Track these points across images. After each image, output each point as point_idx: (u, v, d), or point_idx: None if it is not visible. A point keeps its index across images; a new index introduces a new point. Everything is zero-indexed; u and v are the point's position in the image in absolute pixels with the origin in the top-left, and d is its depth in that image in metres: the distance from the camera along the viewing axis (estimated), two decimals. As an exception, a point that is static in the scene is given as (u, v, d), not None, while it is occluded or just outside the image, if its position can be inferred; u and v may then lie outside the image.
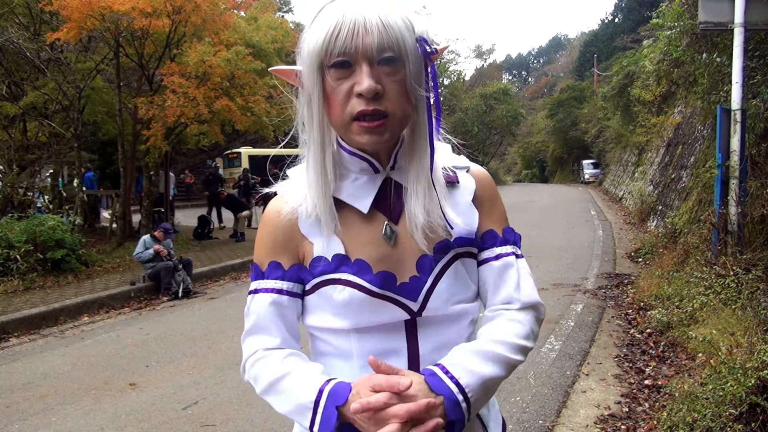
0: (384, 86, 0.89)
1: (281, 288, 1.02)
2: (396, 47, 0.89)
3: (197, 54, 9.36)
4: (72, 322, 6.42)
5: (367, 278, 0.96)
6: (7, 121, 10.56)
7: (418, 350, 0.99)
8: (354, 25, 0.87)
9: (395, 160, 1.01)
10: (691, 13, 6.76)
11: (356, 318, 0.98)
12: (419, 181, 0.98)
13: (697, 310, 4.71)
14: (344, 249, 0.99)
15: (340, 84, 0.90)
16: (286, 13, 34.55)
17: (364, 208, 1.00)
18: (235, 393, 4.12)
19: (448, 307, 1.00)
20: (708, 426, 2.80)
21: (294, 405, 0.94)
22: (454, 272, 1.00)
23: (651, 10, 19.95)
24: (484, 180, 1.10)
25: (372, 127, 0.90)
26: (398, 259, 0.99)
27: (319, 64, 0.90)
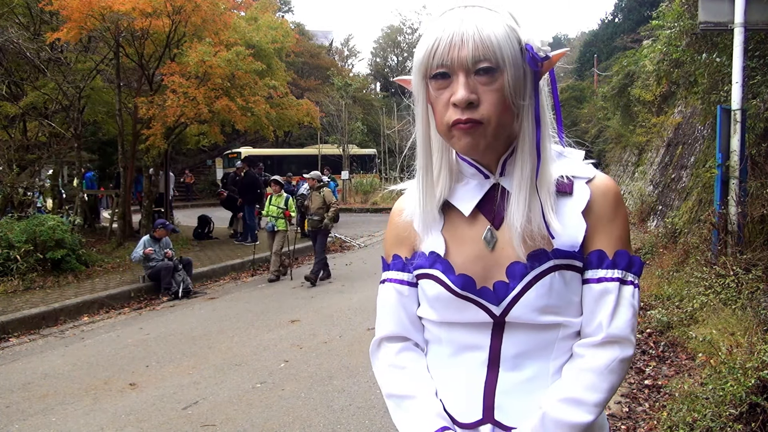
0: (480, 96, 0.93)
1: (402, 279, 1.12)
2: (492, 57, 0.91)
3: (197, 54, 9.36)
4: (72, 322, 6.42)
5: (451, 278, 1.02)
6: (7, 121, 10.56)
7: (500, 350, 1.02)
8: (451, 38, 0.92)
9: (503, 167, 1.03)
10: (691, 13, 6.75)
11: (444, 313, 1.05)
12: (522, 188, 0.99)
13: (697, 310, 4.71)
14: (445, 247, 1.05)
15: (441, 94, 0.96)
16: (286, 13, 34.61)
17: (466, 210, 1.05)
18: (235, 393, 4.12)
19: (537, 317, 0.99)
20: (708, 426, 2.80)
21: (410, 428, 1.05)
22: (549, 283, 0.98)
23: (651, 10, 19.94)
24: (606, 194, 1.03)
25: (465, 129, 0.94)
26: (494, 263, 1.01)
27: (423, 76, 0.97)
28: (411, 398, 1.06)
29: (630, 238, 1.05)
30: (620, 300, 0.99)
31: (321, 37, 40.85)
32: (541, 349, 1.01)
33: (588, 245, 1.01)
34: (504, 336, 1.01)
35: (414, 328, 1.13)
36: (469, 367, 1.04)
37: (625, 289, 0.99)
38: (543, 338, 1.00)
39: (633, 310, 0.99)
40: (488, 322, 1.02)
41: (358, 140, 24.74)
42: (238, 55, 9.75)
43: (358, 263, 10.15)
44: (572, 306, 1.01)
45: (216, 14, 9.81)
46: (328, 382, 4.28)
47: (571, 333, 1.01)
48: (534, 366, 1.01)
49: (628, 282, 1.00)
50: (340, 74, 25.77)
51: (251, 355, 5.02)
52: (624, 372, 1.00)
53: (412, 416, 1.05)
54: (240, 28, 11.06)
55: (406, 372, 1.09)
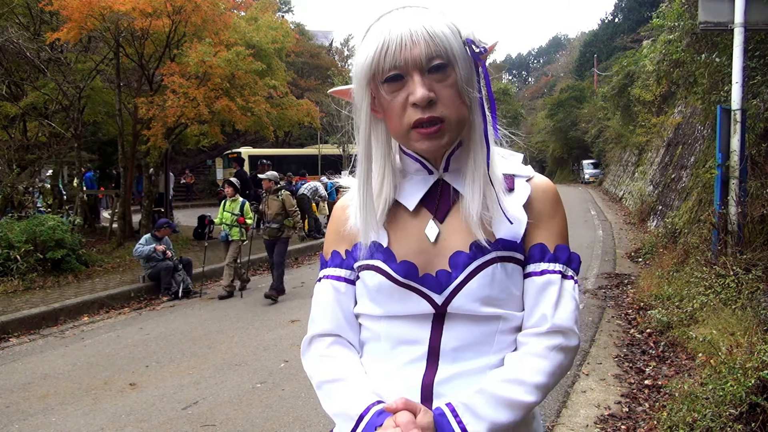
0: (437, 93, 0.94)
1: (339, 275, 1.11)
2: (444, 54, 0.93)
3: (197, 54, 9.36)
4: (72, 322, 6.42)
5: (393, 266, 1.02)
6: (7, 121, 10.56)
7: (440, 344, 1.01)
8: (401, 39, 0.92)
9: (447, 163, 1.04)
10: (691, 13, 6.76)
11: (387, 305, 1.04)
12: (475, 178, 1.00)
13: (697, 310, 4.71)
14: (387, 239, 1.05)
15: (395, 96, 0.95)
16: (286, 13, 34.58)
17: (410, 205, 1.05)
18: (235, 393, 4.12)
19: (478, 308, 0.99)
20: (708, 426, 2.80)
21: (341, 410, 1.02)
22: (491, 274, 0.99)
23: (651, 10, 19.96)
24: (546, 192, 1.07)
25: (430, 133, 0.94)
26: (436, 255, 1.02)
27: (368, 81, 0.96)
28: (341, 380, 1.05)
29: (568, 238, 1.07)
30: (562, 292, 1.00)
31: (321, 37, 40.85)
32: (481, 342, 1.00)
33: (529, 240, 1.03)
34: (444, 328, 1.01)
35: (348, 326, 1.11)
36: (408, 361, 1.02)
37: (566, 283, 1.01)
38: (483, 331, 1.00)
39: (575, 302, 1.01)
40: (429, 314, 1.01)
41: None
42: (238, 55, 9.75)
43: (358, 263, 10.14)
44: (513, 299, 1.01)
45: (216, 14, 9.81)
46: (328, 382, 4.28)
47: (511, 327, 1.02)
48: (474, 359, 1.00)
49: (569, 276, 1.02)
50: (340, 74, 25.75)
51: (251, 355, 5.02)
52: (568, 361, 1.00)
53: (342, 396, 1.03)
54: (240, 28, 11.06)
55: (336, 359, 1.08)
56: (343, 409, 1.02)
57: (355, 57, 0.99)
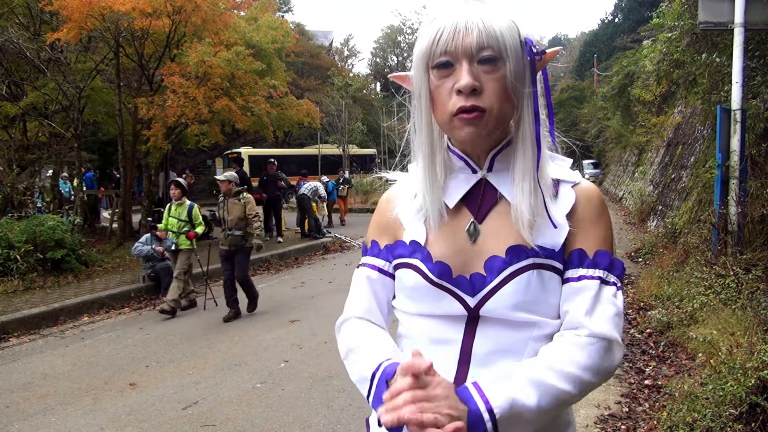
0: (482, 83, 0.94)
1: (374, 264, 1.13)
2: (495, 46, 0.93)
3: (197, 54, 9.36)
4: (72, 322, 6.42)
5: (429, 266, 1.02)
6: (7, 121, 10.57)
7: (472, 346, 1.00)
8: (455, 26, 0.93)
9: (492, 163, 1.04)
10: (691, 13, 6.76)
11: (422, 303, 1.04)
12: (525, 178, 0.99)
13: (697, 310, 4.71)
14: (426, 237, 1.05)
15: (443, 83, 0.95)
16: (285, 13, 34.59)
17: (450, 203, 1.05)
18: (235, 393, 4.12)
19: (511, 312, 0.97)
20: (708, 426, 2.80)
21: (359, 376, 1.03)
22: (526, 280, 0.97)
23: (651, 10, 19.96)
24: (590, 199, 1.04)
25: (470, 118, 0.94)
26: (474, 256, 1.01)
27: (425, 66, 0.97)
28: (359, 347, 1.06)
29: (613, 244, 1.04)
30: (600, 297, 0.96)
31: (321, 37, 40.86)
32: (513, 348, 0.98)
33: (569, 246, 1.01)
34: (477, 332, 1.00)
35: (380, 314, 1.12)
36: (440, 362, 0.99)
37: (606, 289, 0.97)
38: (516, 336, 0.98)
39: (616, 309, 0.97)
40: (462, 315, 1.00)
41: (358, 140, 24.74)
42: (238, 55, 9.76)
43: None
44: (548, 307, 0.99)
45: (216, 14, 9.81)
46: (328, 382, 4.28)
47: (546, 334, 0.99)
48: (505, 364, 0.98)
49: (610, 283, 0.98)
50: (340, 74, 25.78)
51: (251, 355, 5.02)
52: (607, 364, 0.94)
53: (360, 361, 1.03)
54: (240, 28, 11.06)
55: (359, 330, 1.09)
56: (361, 373, 1.02)
57: (416, 44, 1.00)
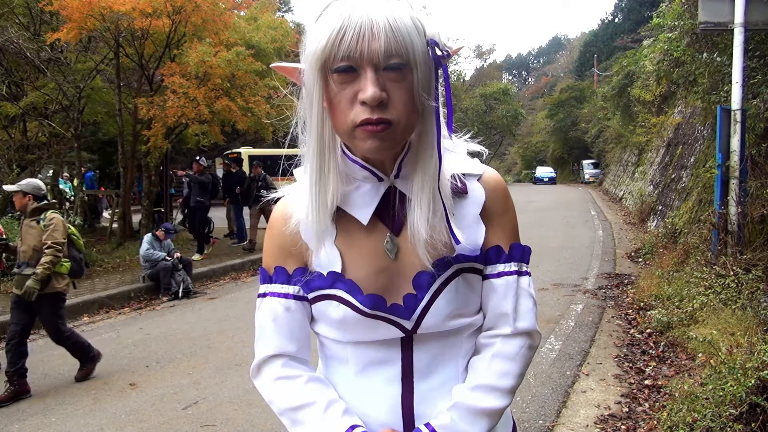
0: (389, 93, 0.84)
1: (287, 292, 1.01)
2: (404, 53, 0.83)
3: (198, 54, 9.36)
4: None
5: (359, 299, 0.94)
6: (7, 121, 10.56)
7: (413, 362, 0.99)
8: (360, 27, 0.81)
9: (399, 169, 0.96)
10: (691, 13, 6.76)
11: (352, 333, 0.98)
12: (423, 192, 0.92)
13: (697, 310, 4.71)
14: (341, 261, 0.97)
15: (344, 89, 0.85)
16: (285, 13, 34.54)
17: (364, 219, 0.96)
18: (235, 393, 4.12)
19: (446, 323, 0.97)
20: (708, 426, 2.80)
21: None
22: (454, 289, 0.96)
23: (651, 10, 19.96)
24: (496, 189, 1.02)
25: (375, 131, 0.85)
26: (398, 272, 0.96)
27: (321, 67, 0.85)
28: (310, 405, 0.97)
29: (518, 229, 1.05)
30: (520, 291, 1.00)
31: (321, 37, 40.81)
32: (451, 352, 1.00)
33: (485, 243, 1.00)
34: (414, 348, 0.98)
35: (301, 345, 1.03)
36: (381, 383, 0.98)
37: (522, 280, 1.01)
38: (451, 342, 1.00)
39: (533, 299, 1.01)
40: (398, 338, 0.98)
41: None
42: (238, 56, 9.75)
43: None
44: (473, 306, 1.01)
45: (216, 14, 9.81)
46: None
47: (475, 330, 1.02)
48: (446, 369, 1.00)
49: (524, 272, 1.01)
50: (340, 74, 25.73)
51: (251, 355, 4.99)
52: (530, 359, 1.01)
53: (315, 423, 0.95)
54: (240, 28, 11.06)
55: (298, 380, 1.00)
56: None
57: (309, 35, 0.87)
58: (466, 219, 0.98)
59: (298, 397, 0.98)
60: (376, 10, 0.82)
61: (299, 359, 1.03)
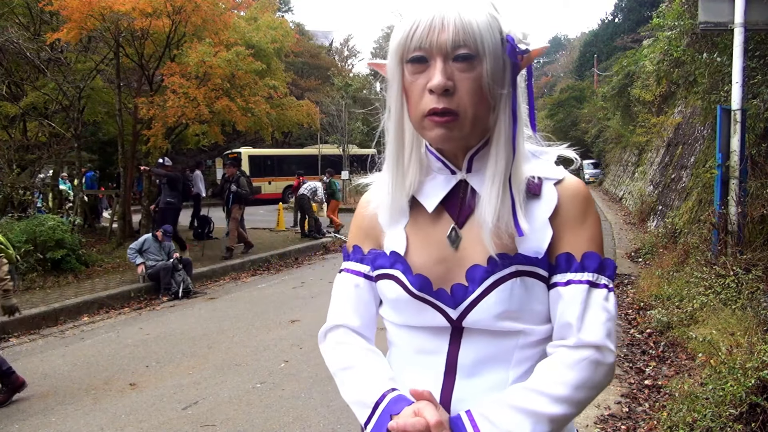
0: (456, 83, 0.89)
1: (359, 270, 1.10)
2: (472, 44, 0.88)
3: (198, 54, 9.36)
4: (72, 322, 6.42)
5: (409, 278, 0.99)
6: (7, 121, 10.57)
7: (457, 357, 0.98)
8: (431, 21, 0.88)
9: (470, 163, 0.99)
10: (691, 13, 6.76)
11: (404, 315, 1.03)
12: (494, 183, 0.94)
13: (697, 310, 4.71)
14: (406, 245, 1.02)
15: (416, 79, 0.92)
16: (285, 13, 34.59)
17: (429, 207, 1.02)
18: (235, 393, 4.12)
19: (495, 322, 0.95)
20: (708, 426, 2.80)
21: (357, 398, 1.01)
22: (509, 288, 0.94)
23: (651, 10, 19.96)
24: (575, 197, 0.99)
25: (441, 122, 0.90)
26: (457, 264, 0.98)
27: (399, 59, 0.93)
28: (356, 367, 1.04)
29: (602, 243, 0.99)
30: (590, 303, 0.93)
31: (321, 37, 40.88)
32: (499, 357, 0.97)
33: (555, 249, 0.96)
34: (462, 342, 0.98)
35: (365, 321, 1.10)
36: (427, 372, 1.00)
37: (596, 293, 0.94)
38: (501, 345, 0.97)
39: (607, 314, 0.93)
40: (446, 327, 0.99)
41: (358, 140, 24.74)
42: (238, 55, 9.76)
43: (358, 263, 10.13)
44: (534, 314, 0.96)
45: (216, 14, 9.81)
46: (328, 382, 4.28)
47: (532, 341, 0.97)
48: (492, 374, 0.97)
49: (601, 285, 0.94)
50: (340, 74, 25.77)
51: (251, 355, 5.02)
52: (601, 377, 0.92)
53: (358, 383, 1.02)
54: (240, 28, 11.06)
55: (351, 346, 1.07)
56: (359, 396, 1.01)
57: (392, 33, 0.95)
58: (534, 220, 0.97)
59: (349, 359, 1.05)
60: (450, 5, 0.89)
61: (361, 334, 1.10)
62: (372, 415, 0.97)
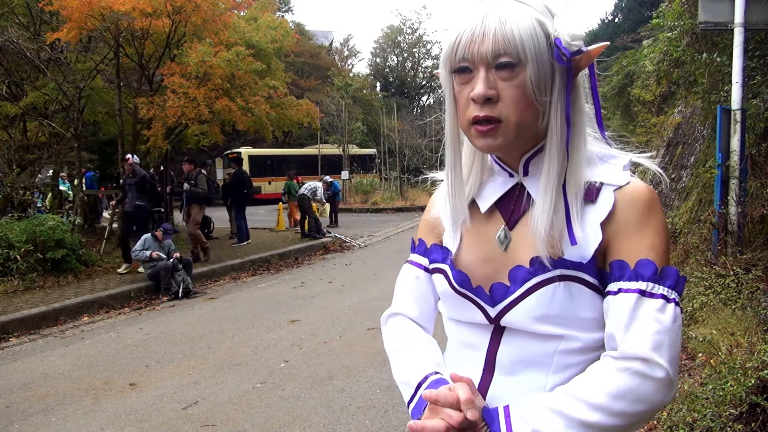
0: (500, 92, 0.91)
1: (420, 263, 1.16)
2: (513, 52, 0.88)
3: (198, 54, 9.36)
4: (72, 322, 6.42)
5: (453, 273, 1.04)
6: (7, 121, 10.56)
7: (497, 354, 1.00)
8: (473, 32, 0.90)
9: (526, 167, 1.00)
10: (691, 13, 6.76)
11: (450, 309, 1.08)
12: (547, 190, 0.94)
13: (697, 310, 4.71)
14: (459, 243, 1.06)
15: (463, 89, 0.94)
16: (285, 13, 34.60)
17: (483, 207, 1.05)
18: (235, 393, 4.12)
19: (533, 324, 0.94)
20: (708, 426, 2.80)
21: (404, 378, 1.06)
22: (551, 292, 0.93)
23: (651, 10, 19.95)
24: (634, 202, 0.94)
25: (484, 131, 0.92)
26: (504, 264, 1.00)
27: (448, 70, 0.96)
28: (406, 350, 1.10)
29: (666, 252, 0.93)
30: (638, 313, 0.88)
31: (321, 37, 40.87)
32: (538, 360, 0.96)
33: (611, 256, 0.93)
34: (502, 340, 1.00)
35: (422, 312, 1.15)
36: (468, 366, 1.04)
37: (647, 302, 0.88)
38: (541, 348, 0.96)
39: (659, 325, 0.87)
40: (486, 324, 1.01)
41: (358, 140, 24.74)
42: (238, 56, 9.76)
43: (358, 263, 10.15)
44: (577, 320, 0.94)
45: (216, 14, 9.81)
46: (328, 382, 4.28)
47: (575, 348, 0.95)
48: (530, 376, 0.97)
49: (657, 295, 0.89)
50: (340, 74, 25.78)
51: (251, 355, 5.02)
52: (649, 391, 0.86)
53: (406, 365, 1.07)
54: (240, 28, 11.06)
55: (405, 330, 1.13)
56: (406, 377, 1.06)
57: (443, 41, 0.98)
58: (585, 226, 0.94)
59: (401, 342, 1.12)
60: (491, 15, 0.90)
61: (418, 323, 1.15)
62: (414, 395, 1.02)
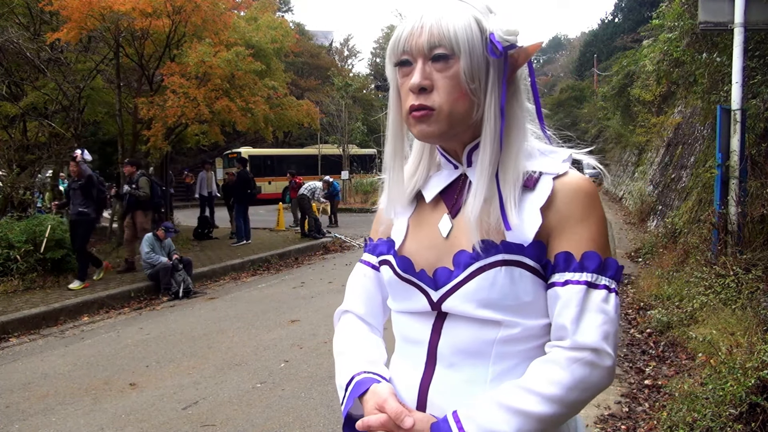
0: (435, 82, 0.95)
1: (368, 261, 1.19)
2: (447, 44, 0.93)
3: (197, 54, 9.36)
4: (72, 322, 6.42)
5: (396, 260, 1.06)
6: (7, 121, 10.56)
7: (437, 346, 1.00)
8: (413, 27, 0.96)
9: (469, 158, 1.04)
10: (691, 13, 6.76)
11: (394, 298, 1.09)
12: (481, 178, 0.98)
13: (697, 310, 4.71)
14: (405, 233, 1.09)
15: (404, 81, 0.99)
16: (285, 13, 34.60)
17: (428, 197, 1.08)
18: (235, 393, 4.12)
19: (473, 309, 0.95)
20: (708, 426, 2.80)
21: (339, 382, 1.09)
22: (492, 276, 0.93)
23: (651, 10, 19.95)
24: (574, 191, 0.96)
25: (418, 116, 0.96)
26: (446, 251, 1.02)
27: (392, 63, 1.01)
28: (345, 353, 1.12)
29: (607, 243, 0.97)
30: (587, 305, 0.91)
31: (321, 37, 40.89)
32: (478, 349, 0.96)
33: (555, 248, 0.95)
34: (443, 330, 1.00)
35: (369, 310, 1.18)
36: (411, 363, 1.04)
37: (594, 294, 0.91)
38: (480, 337, 0.96)
39: (605, 316, 0.90)
40: (428, 312, 1.01)
41: (358, 140, 24.74)
42: (237, 56, 9.76)
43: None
44: (521, 306, 0.95)
45: (216, 14, 9.81)
46: (328, 382, 4.28)
47: (514, 336, 0.95)
48: (471, 367, 0.97)
49: (600, 286, 0.92)
50: (340, 74, 25.78)
51: (251, 355, 5.02)
52: (597, 379, 0.90)
53: (340, 368, 1.10)
54: (240, 28, 11.07)
55: (352, 333, 1.15)
56: (339, 380, 1.09)
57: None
58: (522, 212, 0.97)
59: (342, 345, 1.14)
60: (428, 10, 0.96)
61: (365, 320, 1.18)
62: (343, 398, 1.04)
